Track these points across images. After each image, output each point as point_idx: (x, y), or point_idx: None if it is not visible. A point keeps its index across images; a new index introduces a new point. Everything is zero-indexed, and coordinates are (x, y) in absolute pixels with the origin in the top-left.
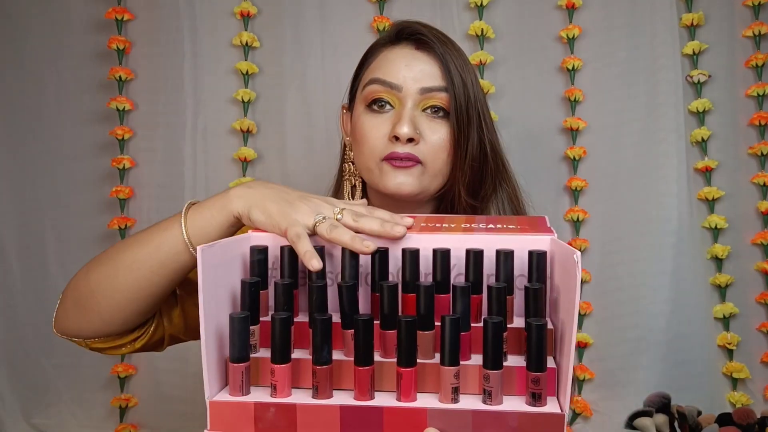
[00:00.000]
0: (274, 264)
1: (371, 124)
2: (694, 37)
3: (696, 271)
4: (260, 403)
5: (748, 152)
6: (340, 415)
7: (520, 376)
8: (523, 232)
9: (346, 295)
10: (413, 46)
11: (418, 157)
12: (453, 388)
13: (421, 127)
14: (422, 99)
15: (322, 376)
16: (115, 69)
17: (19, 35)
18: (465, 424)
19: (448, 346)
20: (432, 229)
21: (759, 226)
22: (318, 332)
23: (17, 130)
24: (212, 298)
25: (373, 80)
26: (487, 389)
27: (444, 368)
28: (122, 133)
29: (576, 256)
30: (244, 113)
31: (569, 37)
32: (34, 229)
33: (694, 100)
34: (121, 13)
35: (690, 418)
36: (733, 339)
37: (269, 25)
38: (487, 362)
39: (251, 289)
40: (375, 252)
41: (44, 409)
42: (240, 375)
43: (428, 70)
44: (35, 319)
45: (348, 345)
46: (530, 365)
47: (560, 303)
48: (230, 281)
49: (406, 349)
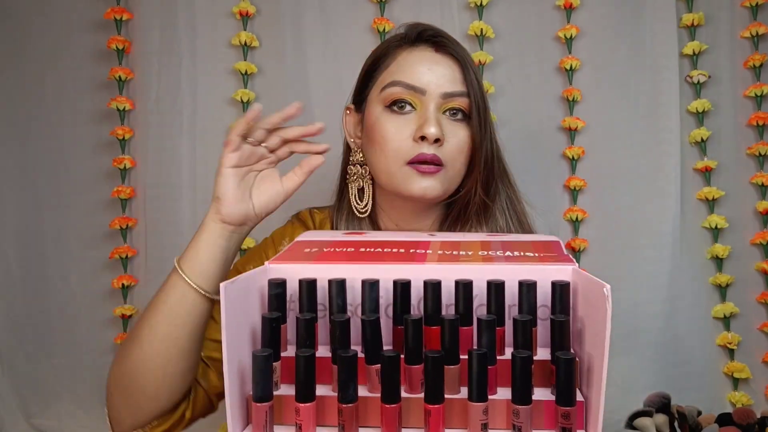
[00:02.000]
0: (292, 297)
1: (394, 125)
2: (694, 37)
3: (695, 271)
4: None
5: (746, 153)
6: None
7: (549, 411)
8: (544, 261)
9: (369, 330)
10: (433, 49)
11: (441, 159)
12: (482, 424)
13: (445, 129)
14: (444, 102)
15: (348, 415)
16: (115, 69)
17: (19, 35)
18: None
19: (476, 381)
20: (451, 257)
21: (758, 226)
22: (344, 370)
23: (17, 130)
24: (234, 335)
25: (394, 82)
26: (516, 425)
27: (472, 404)
28: (123, 132)
29: (606, 290)
30: (243, 113)
31: (567, 37)
32: (35, 229)
33: (694, 100)
34: (120, 13)
35: (690, 418)
36: (734, 339)
37: (269, 25)
38: (516, 397)
39: (272, 324)
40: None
41: (44, 409)
42: (264, 414)
43: (449, 74)
44: (35, 319)
45: (372, 380)
46: (560, 399)
47: (585, 335)
48: (250, 316)
49: (434, 385)
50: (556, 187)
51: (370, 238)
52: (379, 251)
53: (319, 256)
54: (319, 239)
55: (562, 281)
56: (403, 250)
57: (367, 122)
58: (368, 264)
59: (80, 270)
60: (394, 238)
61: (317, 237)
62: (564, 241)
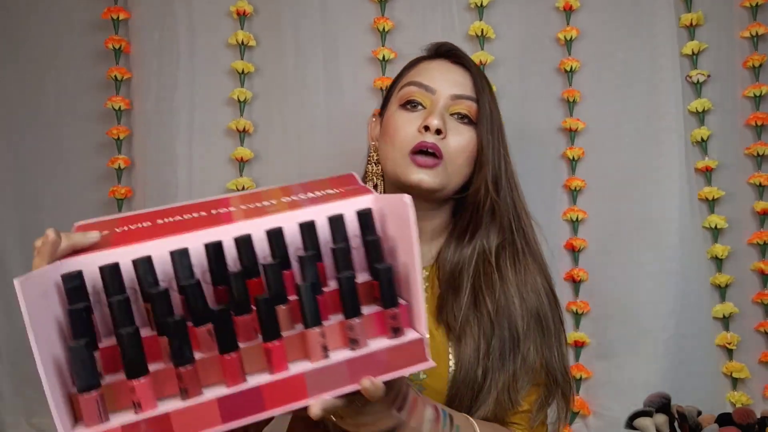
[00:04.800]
0: (95, 288)
1: (404, 119)
2: (693, 37)
3: (695, 270)
4: (129, 425)
5: (745, 153)
6: (218, 407)
7: (378, 319)
8: (345, 196)
9: (191, 294)
10: (450, 61)
11: (441, 151)
12: (322, 346)
13: (449, 126)
14: (452, 104)
15: (188, 377)
16: (113, 68)
17: (17, 35)
18: (342, 376)
19: (308, 309)
20: (257, 211)
21: (755, 226)
22: (175, 335)
23: (16, 130)
24: (42, 331)
25: (410, 83)
26: (352, 338)
27: (309, 331)
28: (117, 132)
29: (407, 199)
30: (240, 113)
31: (567, 39)
32: (34, 229)
33: (694, 100)
34: (117, 13)
35: (690, 418)
36: (733, 339)
37: (269, 24)
38: (348, 313)
39: (81, 315)
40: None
41: (45, 409)
42: (95, 404)
43: (461, 81)
44: None
45: (206, 342)
46: (386, 304)
47: (398, 249)
48: (54, 314)
49: (269, 324)
50: (556, 187)
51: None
52: (179, 219)
53: (114, 239)
54: (102, 220)
55: (364, 209)
56: (204, 213)
57: (384, 121)
58: (173, 236)
59: None
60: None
61: (99, 219)
62: (563, 241)
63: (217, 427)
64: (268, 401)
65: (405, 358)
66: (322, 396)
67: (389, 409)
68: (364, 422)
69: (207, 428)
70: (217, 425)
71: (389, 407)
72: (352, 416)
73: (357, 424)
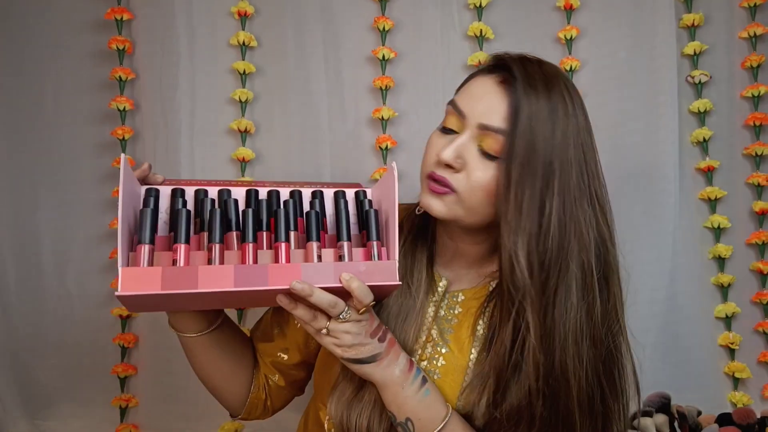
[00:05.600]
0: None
1: (434, 141)
2: (694, 37)
3: (695, 270)
4: (168, 268)
5: (743, 153)
6: (233, 273)
7: (364, 251)
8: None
9: (228, 207)
10: (498, 80)
11: (452, 184)
12: (317, 255)
13: (469, 158)
14: (479, 134)
15: (218, 253)
16: (116, 69)
17: (20, 35)
18: (329, 274)
19: (312, 228)
20: (283, 183)
21: (754, 226)
22: (214, 217)
23: (17, 130)
24: (127, 205)
25: (450, 102)
26: (341, 255)
27: (310, 243)
28: (122, 132)
29: (393, 164)
30: (242, 113)
31: (567, 38)
32: (34, 229)
33: (693, 100)
34: (120, 13)
35: (690, 418)
36: (735, 339)
37: (270, 24)
38: (341, 235)
39: (154, 204)
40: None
41: (44, 409)
42: (149, 253)
43: (496, 108)
44: (34, 319)
45: (235, 244)
46: (369, 237)
47: (382, 205)
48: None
49: (284, 229)
50: None
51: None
52: (226, 180)
53: (180, 182)
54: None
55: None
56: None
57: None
58: (223, 186)
59: (80, 270)
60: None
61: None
62: None
63: (229, 287)
64: (271, 278)
65: (380, 275)
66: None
67: (370, 336)
68: (350, 343)
69: (222, 287)
70: (229, 286)
71: (370, 334)
72: (341, 335)
73: (343, 345)
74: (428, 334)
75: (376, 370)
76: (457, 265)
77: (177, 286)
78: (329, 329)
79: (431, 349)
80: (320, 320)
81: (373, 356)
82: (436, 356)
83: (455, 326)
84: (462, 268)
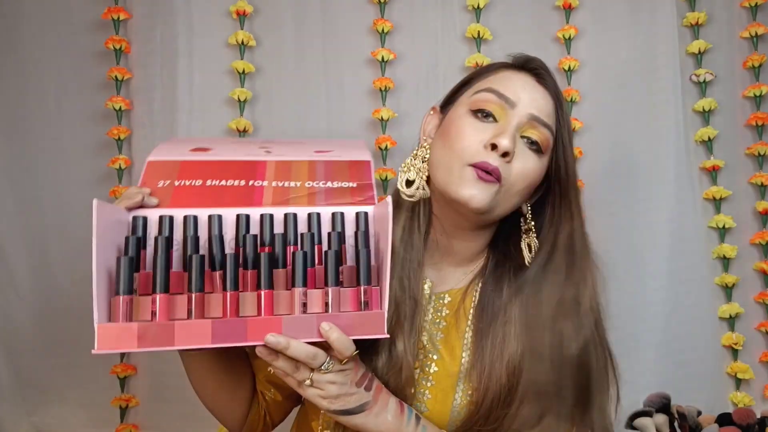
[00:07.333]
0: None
1: (471, 127)
2: (698, 36)
3: (697, 270)
4: (143, 325)
5: (745, 153)
6: (211, 329)
7: (353, 295)
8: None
9: (214, 245)
10: (535, 79)
11: (502, 174)
12: (302, 303)
13: (517, 148)
14: (527, 125)
15: (196, 302)
16: (113, 69)
17: (17, 35)
18: (312, 328)
19: (297, 272)
20: (283, 192)
21: (757, 226)
22: (193, 268)
23: (16, 130)
24: (104, 248)
25: (489, 89)
26: (327, 302)
27: (295, 289)
28: (118, 132)
29: (388, 199)
30: (241, 113)
31: (566, 38)
32: (35, 228)
33: (695, 99)
34: (118, 13)
35: (690, 418)
36: (739, 339)
37: (269, 24)
38: (328, 280)
39: (136, 242)
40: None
41: (45, 409)
42: (126, 305)
43: (543, 104)
44: (35, 319)
45: (218, 286)
46: (360, 281)
47: (379, 241)
48: (117, 241)
49: (265, 277)
50: None
51: (214, 157)
52: (223, 184)
53: (174, 196)
54: (170, 160)
55: (365, 211)
56: (244, 181)
57: (446, 120)
58: (214, 209)
59: (81, 269)
60: (234, 157)
61: (167, 157)
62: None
63: (206, 345)
64: (250, 333)
65: (367, 327)
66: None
67: (356, 385)
68: (336, 393)
69: (199, 344)
70: (206, 343)
71: (356, 383)
72: (325, 386)
73: (329, 397)
74: (418, 340)
75: (368, 419)
76: (444, 264)
77: (153, 344)
78: (313, 380)
79: (423, 357)
80: (303, 372)
81: (361, 405)
82: (428, 363)
83: (444, 330)
84: (449, 266)
